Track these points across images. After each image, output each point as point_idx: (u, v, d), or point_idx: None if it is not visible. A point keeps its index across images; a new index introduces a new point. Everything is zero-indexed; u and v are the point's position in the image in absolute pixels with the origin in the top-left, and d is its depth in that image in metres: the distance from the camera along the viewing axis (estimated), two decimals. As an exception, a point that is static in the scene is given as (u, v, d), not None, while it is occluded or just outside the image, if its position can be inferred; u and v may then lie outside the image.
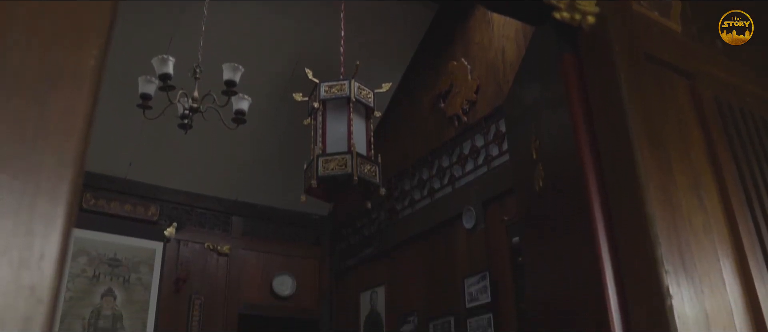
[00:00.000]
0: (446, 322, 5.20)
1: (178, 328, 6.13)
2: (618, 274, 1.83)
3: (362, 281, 6.56)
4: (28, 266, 0.58)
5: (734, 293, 2.04)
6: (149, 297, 6.09)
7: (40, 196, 0.62)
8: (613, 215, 1.89)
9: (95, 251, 5.98)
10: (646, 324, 1.74)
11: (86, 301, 5.81)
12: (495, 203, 5.00)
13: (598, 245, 1.85)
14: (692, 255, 1.87)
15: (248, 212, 6.99)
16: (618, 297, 1.80)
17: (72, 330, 5.65)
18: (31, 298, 0.57)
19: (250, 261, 6.78)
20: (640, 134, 1.96)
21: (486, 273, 4.88)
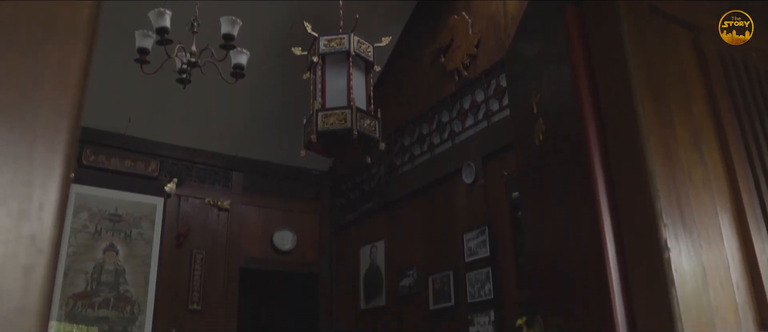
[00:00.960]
0: (445, 276, 5.25)
1: (179, 282, 6.21)
2: (617, 228, 1.83)
3: (362, 235, 6.61)
4: (28, 216, 0.58)
5: (731, 247, 2.05)
6: (151, 252, 6.14)
7: (37, 146, 0.61)
8: (613, 169, 1.89)
9: (96, 206, 6.01)
10: (643, 277, 1.76)
11: (88, 256, 5.86)
12: (495, 158, 5.00)
13: (598, 198, 1.85)
14: (691, 209, 1.88)
15: (248, 167, 7.00)
16: (616, 251, 1.82)
17: (75, 285, 5.72)
18: (32, 248, 0.57)
19: (250, 216, 6.83)
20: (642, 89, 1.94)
21: (485, 228, 4.91)
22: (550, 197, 2.19)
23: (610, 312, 1.75)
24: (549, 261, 2.18)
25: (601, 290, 1.79)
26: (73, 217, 5.85)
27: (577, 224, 1.99)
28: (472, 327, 4.86)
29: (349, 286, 6.66)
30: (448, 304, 5.18)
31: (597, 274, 1.82)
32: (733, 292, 1.98)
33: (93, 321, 5.72)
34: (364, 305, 6.34)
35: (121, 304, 5.88)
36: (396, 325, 5.85)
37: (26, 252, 0.57)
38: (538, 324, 2.07)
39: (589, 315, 1.90)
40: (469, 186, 5.21)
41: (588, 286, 1.91)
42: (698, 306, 1.74)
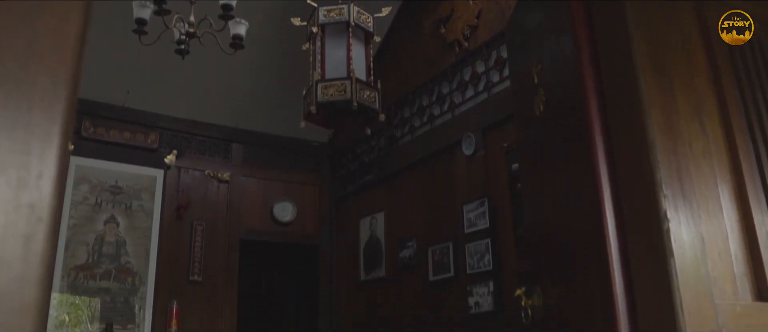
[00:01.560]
0: (445, 247, 5.28)
1: (180, 254, 6.24)
2: (616, 199, 1.84)
3: (362, 207, 6.63)
4: (27, 185, 0.58)
5: (731, 218, 2.05)
6: (151, 224, 6.17)
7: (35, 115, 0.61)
8: (613, 140, 1.88)
9: (96, 178, 6.02)
10: (642, 247, 1.76)
11: (89, 228, 5.89)
12: (495, 130, 4.99)
13: (598, 169, 1.85)
14: (691, 180, 1.88)
15: (248, 139, 6.99)
16: (616, 222, 1.82)
17: (77, 257, 5.76)
18: (32, 216, 0.57)
19: (250, 188, 6.84)
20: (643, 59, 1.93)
21: (485, 199, 4.92)
22: (550, 168, 2.19)
23: (609, 282, 1.76)
24: (548, 232, 2.18)
25: (600, 260, 1.80)
26: (74, 189, 5.86)
27: (577, 194, 1.99)
28: (471, 298, 4.90)
29: (349, 257, 6.69)
30: (447, 275, 5.22)
31: (596, 245, 1.83)
32: (732, 263, 1.99)
33: (95, 292, 5.77)
34: (364, 276, 6.38)
35: (123, 275, 5.92)
36: (396, 296, 5.90)
37: (26, 221, 0.57)
38: (537, 294, 2.08)
39: (588, 285, 1.91)
40: (468, 158, 5.21)
41: (587, 257, 1.92)
42: (697, 276, 1.75)
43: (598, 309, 1.83)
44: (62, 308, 5.61)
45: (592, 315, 1.89)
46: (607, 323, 1.77)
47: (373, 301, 6.23)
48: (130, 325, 5.84)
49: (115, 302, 5.84)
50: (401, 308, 5.81)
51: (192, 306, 6.12)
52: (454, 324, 5.06)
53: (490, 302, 4.73)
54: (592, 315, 1.88)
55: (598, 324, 1.83)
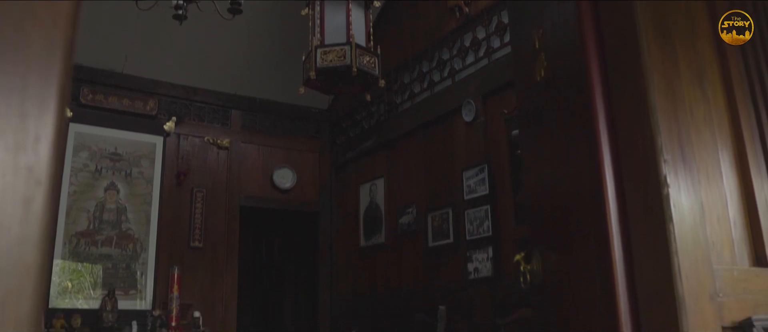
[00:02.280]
0: (445, 214, 5.30)
1: (181, 220, 6.27)
2: (616, 164, 1.83)
3: (362, 173, 6.64)
4: (25, 148, 0.57)
5: (730, 184, 2.06)
6: (152, 191, 6.18)
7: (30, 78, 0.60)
8: (615, 105, 1.87)
9: (96, 145, 6.01)
10: (641, 212, 1.77)
11: (90, 195, 5.90)
12: (495, 96, 4.98)
13: (598, 134, 1.84)
14: (692, 145, 1.87)
15: (247, 105, 6.97)
16: (615, 187, 1.82)
17: (78, 223, 5.78)
18: (30, 180, 0.57)
19: (250, 155, 6.84)
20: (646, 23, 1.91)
21: (484, 166, 4.93)
22: (550, 133, 2.19)
23: (608, 248, 1.77)
24: (548, 198, 2.19)
25: (599, 226, 1.81)
26: (73, 156, 5.86)
27: (577, 160, 1.99)
28: (471, 264, 4.94)
29: (349, 224, 6.73)
30: (446, 241, 5.25)
31: (595, 210, 1.83)
32: (730, 228, 2.00)
33: (96, 258, 5.81)
34: (363, 242, 6.42)
35: (124, 242, 5.96)
36: (395, 262, 5.94)
37: (24, 184, 0.57)
38: (536, 259, 2.09)
39: (587, 250, 1.92)
40: (468, 124, 5.20)
41: (586, 222, 1.93)
42: (695, 241, 1.75)
43: (596, 275, 1.85)
44: (65, 275, 5.65)
45: (590, 280, 1.90)
46: (605, 288, 1.79)
47: (372, 267, 6.28)
48: (132, 291, 5.89)
49: (117, 268, 5.88)
50: (401, 274, 5.86)
51: (193, 272, 6.17)
52: (453, 289, 5.10)
53: (489, 267, 4.77)
54: (591, 280, 1.89)
55: (596, 288, 1.85)
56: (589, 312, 1.90)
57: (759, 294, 1.89)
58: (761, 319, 1.81)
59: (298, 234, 7.89)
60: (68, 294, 5.62)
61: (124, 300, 5.75)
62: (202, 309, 6.05)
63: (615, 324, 1.74)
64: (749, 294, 1.87)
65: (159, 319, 5.63)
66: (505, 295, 4.56)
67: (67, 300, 5.59)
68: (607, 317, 1.78)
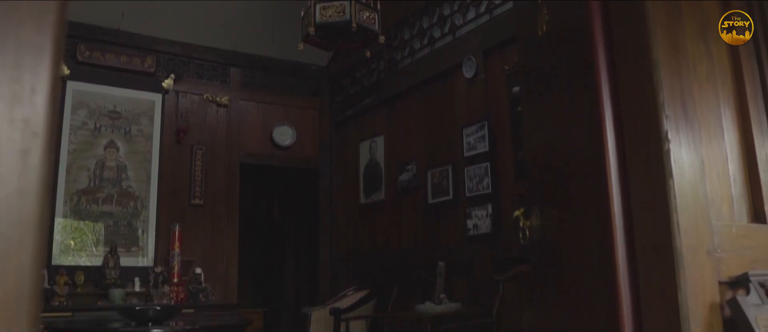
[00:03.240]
0: (444, 171, 5.31)
1: (181, 178, 6.28)
2: (618, 120, 1.83)
3: (361, 130, 6.63)
4: (21, 100, 0.57)
5: (731, 140, 2.06)
6: (151, 148, 6.18)
7: (24, 29, 0.59)
8: (617, 61, 1.86)
9: (94, 103, 5.98)
10: (642, 168, 1.77)
11: (89, 153, 5.90)
12: (495, 53, 4.93)
13: (600, 89, 1.83)
14: (694, 101, 1.86)
15: (246, 62, 6.91)
16: (616, 143, 1.82)
17: (79, 181, 5.79)
18: (27, 132, 0.56)
19: (249, 112, 6.82)
20: (650, -24, 1.88)
21: (485, 123, 4.92)
22: (552, 89, 2.17)
23: (607, 203, 1.78)
24: (548, 154, 2.18)
25: (599, 181, 1.81)
26: (72, 114, 5.84)
27: (578, 115, 1.98)
28: (470, 221, 4.96)
29: (349, 181, 6.74)
30: (446, 198, 5.27)
31: (596, 166, 1.83)
32: (730, 185, 2.00)
33: (97, 216, 5.84)
34: (363, 199, 6.45)
35: (125, 200, 5.98)
36: (395, 219, 5.98)
37: (21, 136, 0.56)
38: (535, 215, 2.10)
39: (586, 205, 1.92)
40: (469, 81, 5.16)
41: (586, 178, 1.93)
42: (694, 197, 1.76)
43: (595, 230, 1.85)
44: (67, 233, 5.69)
45: (589, 236, 1.91)
46: (603, 243, 1.80)
47: (372, 224, 6.32)
48: (133, 248, 5.94)
49: (118, 226, 5.92)
50: (400, 230, 5.90)
51: (194, 229, 6.21)
52: (453, 246, 5.14)
53: (488, 224, 4.80)
54: (590, 236, 1.90)
55: (595, 244, 1.86)
56: (587, 268, 1.92)
57: (756, 249, 1.91)
58: (758, 274, 1.83)
59: (298, 192, 7.92)
60: (71, 252, 5.67)
61: (126, 257, 5.80)
62: (204, 265, 6.11)
63: (613, 279, 1.76)
64: (747, 249, 1.88)
65: (161, 275, 5.69)
66: (504, 252, 4.60)
67: (70, 257, 5.64)
68: (605, 272, 1.79)
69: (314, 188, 7.20)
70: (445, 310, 4.61)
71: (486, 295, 4.66)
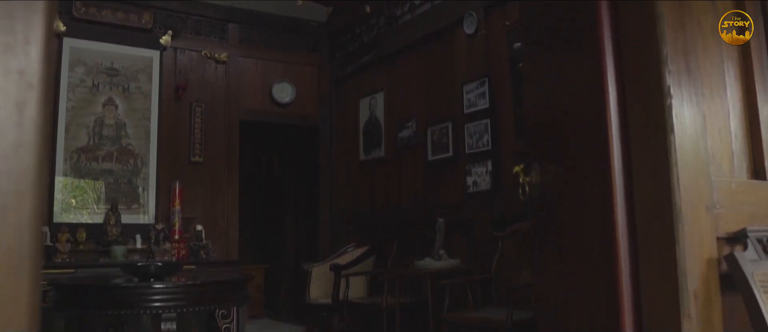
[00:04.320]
0: (444, 127, 5.30)
1: (181, 135, 6.27)
2: (619, 75, 1.81)
3: (361, 87, 6.59)
4: (14, 50, 0.56)
5: (734, 96, 2.04)
6: (150, 106, 6.15)
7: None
8: (620, 14, 1.83)
9: (92, 60, 5.93)
10: (643, 122, 1.76)
11: (88, 111, 5.87)
12: (497, 8, 4.88)
13: (602, 43, 1.81)
14: (697, 56, 1.84)
15: (245, 18, 6.83)
16: (617, 97, 1.80)
17: (78, 139, 5.78)
18: (22, 83, 0.55)
19: (248, 69, 6.77)
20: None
21: (485, 79, 4.89)
22: (553, 44, 2.15)
23: (607, 158, 1.77)
24: (549, 110, 2.17)
25: (600, 137, 1.80)
26: (69, 72, 5.80)
27: (580, 70, 1.96)
28: (470, 177, 4.97)
29: (349, 138, 6.73)
30: (446, 155, 5.27)
31: (596, 121, 1.82)
32: (731, 141, 2.00)
33: (98, 174, 5.84)
34: (363, 156, 6.45)
35: (124, 157, 5.98)
36: (395, 176, 5.99)
37: (16, 88, 0.55)
38: (535, 171, 2.10)
39: (587, 161, 1.92)
40: (469, 37, 5.11)
41: (587, 133, 1.92)
42: (695, 153, 1.75)
43: (595, 186, 1.85)
44: (68, 191, 5.70)
45: (589, 191, 1.91)
46: (603, 199, 1.80)
47: (372, 181, 6.33)
48: (134, 205, 5.97)
49: (119, 183, 5.93)
50: (400, 187, 5.92)
51: (194, 187, 6.23)
52: (452, 203, 5.17)
53: (488, 181, 4.81)
54: (589, 191, 1.91)
55: (594, 200, 1.86)
56: (586, 223, 1.92)
57: (755, 205, 1.91)
58: (756, 230, 1.84)
59: (298, 149, 7.92)
60: (72, 210, 5.69)
61: (127, 214, 5.82)
62: (204, 222, 6.15)
63: (611, 235, 1.76)
64: (745, 205, 1.89)
65: (162, 232, 5.72)
66: (503, 209, 4.62)
67: (72, 215, 5.66)
68: (604, 228, 1.80)
69: (314, 145, 7.20)
70: (444, 266, 4.66)
71: (485, 252, 4.69)
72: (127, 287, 3.44)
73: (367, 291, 5.63)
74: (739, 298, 1.74)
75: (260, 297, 7.65)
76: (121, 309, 3.49)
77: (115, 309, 3.43)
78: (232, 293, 3.68)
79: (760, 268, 1.74)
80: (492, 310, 4.17)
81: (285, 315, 7.61)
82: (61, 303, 3.55)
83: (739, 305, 1.75)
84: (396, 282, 4.80)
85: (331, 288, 5.33)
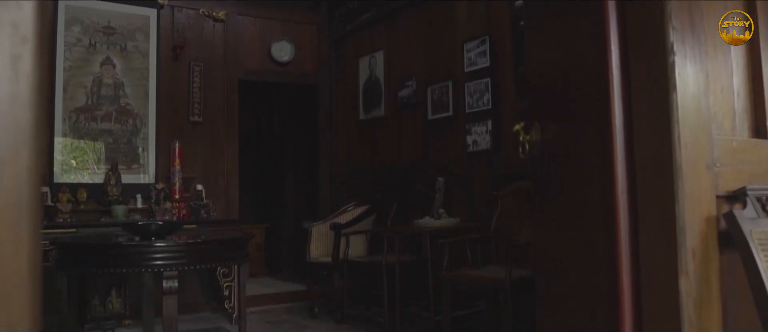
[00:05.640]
0: (444, 86, 5.27)
1: (179, 95, 6.24)
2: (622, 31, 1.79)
3: (361, 46, 6.53)
4: (6, 3, 0.55)
5: (737, 54, 2.03)
6: (148, 65, 6.10)
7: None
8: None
9: (88, 19, 5.86)
10: (645, 80, 1.75)
11: (86, 70, 5.83)
12: (498, -35, 4.80)
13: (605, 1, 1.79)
14: (702, 13, 1.82)
15: (242, -25, 6.72)
16: (620, 55, 1.79)
17: (76, 99, 5.75)
18: (16, 36, 0.54)
19: (247, 27, 6.69)
20: None
21: (486, 38, 4.84)
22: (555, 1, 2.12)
23: (609, 116, 1.77)
24: (550, 68, 2.15)
25: (601, 94, 1.79)
26: (66, 31, 5.73)
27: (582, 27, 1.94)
28: (470, 137, 4.97)
29: (349, 97, 6.70)
30: (446, 114, 5.25)
31: (598, 78, 1.81)
32: (733, 99, 1.99)
33: (97, 134, 5.83)
34: (363, 115, 6.43)
35: (123, 117, 5.96)
36: (395, 135, 5.98)
37: (10, 41, 0.54)
38: (535, 129, 2.09)
39: (588, 119, 1.91)
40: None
41: (588, 91, 1.91)
42: (697, 111, 1.75)
43: (595, 143, 1.85)
44: (68, 152, 5.70)
45: (589, 149, 1.91)
46: (603, 156, 1.80)
47: (372, 140, 6.33)
48: (134, 165, 5.97)
49: (118, 143, 5.92)
50: (400, 147, 5.91)
51: (194, 146, 6.22)
52: (452, 162, 5.17)
53: (488, 140, 4.80)
54: (590, 149, 1.90)
55: (595, 156, 1.86)
56: (586, 181, 1.93)
57: (755, 164, 1.91)
58: (755, 189, 1.84)
59: (298, 108, 7.89)
60: (73, 171, 5.70)
61: (127, 174, 5.83)
62: (204, 182, 6.16)
63: (612, 192, 1.77)
64: (746, 164, 1.89)
65: (162, 192, 5.74)
66: (503, 168, 4.63)
67: (72, 176, 5.67)
68: (604, 185, 1.80)
69: (313, 104, 7.17)
70: (444, 225, 4.69)
71: (484, 210, 4.72)
72: (129, 245, 3.46)
73: (367, 249, 5.67)
74: (737, 256, 1.75)
75: (261, 256, 7.72)
76: (122, 268, 3.52)
77: (117, 268, 3.45)
78: (233, 251, 3.71)
79: (759, 226, 1.75)
80: (491, 268, 4.21)
81: (285, 273, 7.69)
82: (63, 262, 3.57)
83: (737, 262, 1.77)
84: (396, 241, 4.83)
85: (331, 247, 5.37)
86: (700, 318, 1.66)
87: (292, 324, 5.43)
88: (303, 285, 6.33)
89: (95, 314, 5.17)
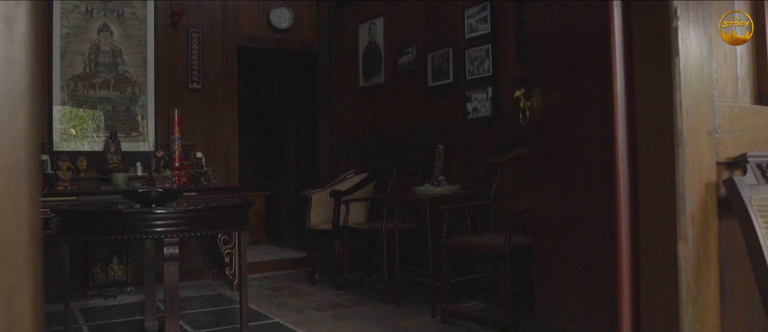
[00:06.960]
0: (445, 53, 5.23)
1: (178, 62, 6.20)
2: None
3: (361, 12, 6.47)
4: (-1, -36, 0.53)
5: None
6: (146, 32, 6.05)
7: None
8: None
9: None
10: (647, 46, 1.73)
11: (83, 37, 5.78)
12: (500, -71, 4.72)
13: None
14: (706, -24, 1.80)
15: (239, -60, 6.62)
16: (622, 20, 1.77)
17: (74, 67, 5.71)
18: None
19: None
20: None
21: (487, 4, 4.79)
22: (558, -34, 2.09)
23: (610, 81, 1.76)
24: (551, 33, 2.13)
25: (603, 59, 1.78)
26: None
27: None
28: (470, 104, 4.95)
29: (348, 64, 6.66)
30: (446, 81, 5.23)
31: (600, 44, 1.79)
32: (736, 66, 1.98)
33: (95, 102, 5.81)
34: (362, 82, 6.40)
35: (122, 85, 5.93)
36: (394, 102, 5.96)
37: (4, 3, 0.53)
38: (536, 95, 2.08)
39: (589, 84, 1.90)
40: (471, -40, 4.98)
41: (590, 56, 1.89)
42: (699, 76, 1.74)
43: (596, 109, 1.84)
44: (67, 120, 5.68)
45: (590, 115, 1.90)
46: (604, 122, 1.79)
47: (372, 107, 6.30)
48: (134, 133, 5.96)
49: (117, 111, 5.90)
50: (400, 114, 5.90)
51: (193, 114, 6.20)
52: (452, 128, 5.16)
53: (488, 107, 4.79)
54: (591, 115, 1.90)
55: (595, 123, 1.85)
56: (586, 146, 1.92)
57: (756, 131, 1.91)
58: (755, 156, 1.84)
59: (297, 75, 7.85)
60: (72, 139, 5.69)
61: (126, 142, 5.82)
62: (204, 150, 6.15)
63: (612, 157, 1.77)
64: (747, 131, 1.88)
65: (162, 160, 5.74)
66: (503, 135, 4.62)
67: (72, 144, 5.66)
68: (604, 152, 1.80)
69: (313, 71, 7.12)
70: (444, 192, 4.70)
71: (484, 177, 4.73)
72: (130, 213, 3.47)
73: (367, 216, 5.69)
74: (736, 222, 1.76)
75: (261, 224, 7.75)
76: (123, 235, 3.53)
77: (117, 235, 3.46)
78: (233, 218, 3.71)
79: (758, 193, 1.75)
80: (490, 235, 4.24)
81: (286, 240, 7.73)
82: (64, 230, 3.58)
83: (735, 228, 1.77)
84: (395, 208, 4.85)
85: (331, 214, 5.39)
86: (697, 283, 1.68)
87: (292, 290, 5.47)
88: (303, 252, 6.37)
89: (97, 281, 5.22)
